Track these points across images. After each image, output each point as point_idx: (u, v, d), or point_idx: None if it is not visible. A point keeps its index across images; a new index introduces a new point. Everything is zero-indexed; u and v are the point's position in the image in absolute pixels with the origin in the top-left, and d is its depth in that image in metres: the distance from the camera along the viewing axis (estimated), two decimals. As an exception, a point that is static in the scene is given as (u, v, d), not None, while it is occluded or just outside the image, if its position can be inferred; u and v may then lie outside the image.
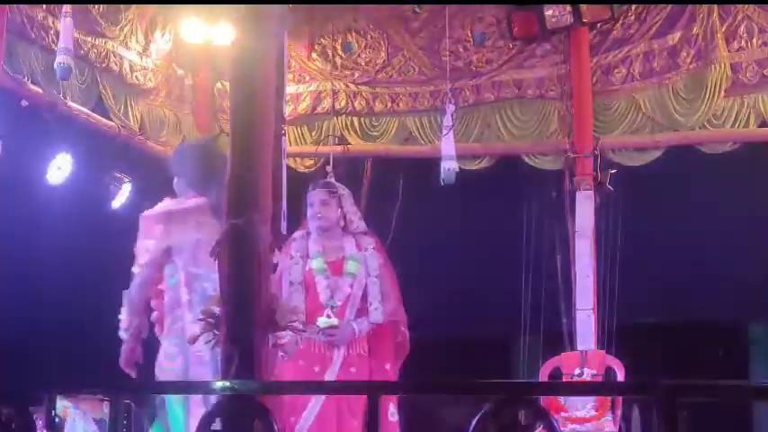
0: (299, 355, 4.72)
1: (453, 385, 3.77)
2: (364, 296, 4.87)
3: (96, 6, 6.09)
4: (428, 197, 6.79)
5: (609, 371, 5.99)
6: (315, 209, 4.98)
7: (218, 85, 7.43)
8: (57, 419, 4.47)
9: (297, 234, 5.04)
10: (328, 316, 4.77)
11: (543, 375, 6.04)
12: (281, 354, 3.47)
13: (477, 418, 2.10)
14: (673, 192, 6.78)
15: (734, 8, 6.24)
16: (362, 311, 4.86)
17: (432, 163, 6.76)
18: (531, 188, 7.08)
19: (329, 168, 6.84)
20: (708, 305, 7.15)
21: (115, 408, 2.33)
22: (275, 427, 2.20)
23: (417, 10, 7.22)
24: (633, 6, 6.65)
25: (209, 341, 3.04)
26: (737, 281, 6.82)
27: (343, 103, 7.28)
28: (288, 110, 6.95)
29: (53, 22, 5.67)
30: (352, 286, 4.90)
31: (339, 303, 4.83)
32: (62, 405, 6.18)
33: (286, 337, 3.52)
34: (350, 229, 5.02)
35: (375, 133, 7.26)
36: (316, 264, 4.90)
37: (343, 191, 5.03)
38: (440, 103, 7.02)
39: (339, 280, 4.87)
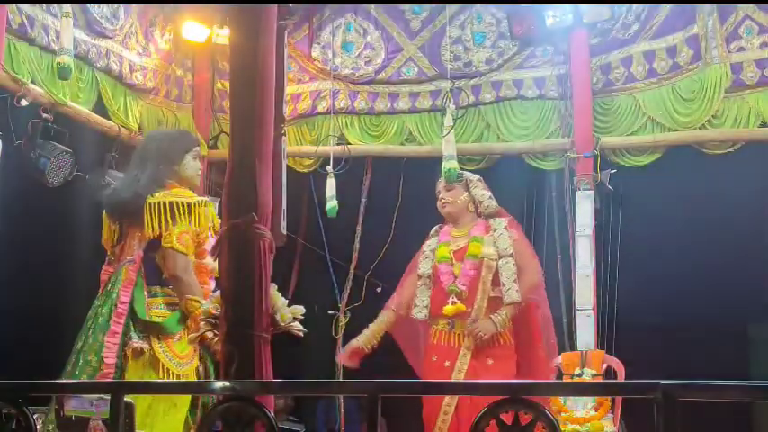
0: (432, 351, 4.65)
1: (454, 385, 3.78)
2: (497, 281, 4.71)
3: (96, 6, 6.09)
4: (428, 197, 6.78)
5: (609, 371, 5.99)
6: (439, 197, 4.95)
7: (218, 85, 7.44)
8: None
9: (432, 230, 5.00)
10: (453, 302, 4.66)
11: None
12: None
13: (478, 417, 2.10)
14: (673, 192, 6.78)
15: (734, 8, 6.24)
16: (499, 299, 4.70)
17: (432, 163, 6.75)
18: (531, 188, 7.08)
19: (329, 168, 6.84)
20: (707, 305, 7.14)
21: (115, 407, 2.32)
22: (275, 427, 2.20)
23: (417, 10, 7.23)
24: (633, 6, 6.65)
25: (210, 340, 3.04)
26: (737, 281, 6.82)
27: (343, 103, 7.28)
28: (288, 110, 6.96)
29: (53, 22, 5.67)
30: (477, 269, 4.73)
31: (463, 288, 4.68)
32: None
33: None
34: (481, 212, 4.90)
35: (375, 133, 7.26)
36: (440, 252, 4.81)
37: (473, 177, 5.02)
38: (440, 103, 7.02)
39: (462, 264, 4.75)
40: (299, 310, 3.15)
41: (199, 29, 7.08)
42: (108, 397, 2.30)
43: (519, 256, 4.82)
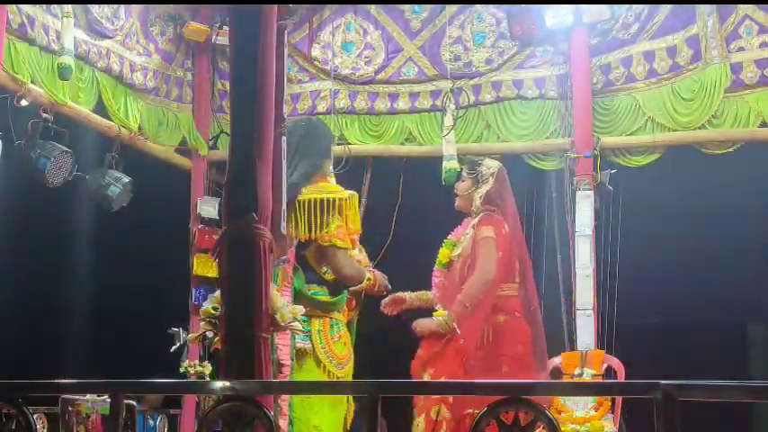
0: None
1: (454, 385, 3.77)
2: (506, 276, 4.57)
3: (96, 6, 6.09)
4: (428, 197, 6.79)
5: (609, 371, 5.99)
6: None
7: (219, 85, 7.43)
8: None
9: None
10: (435, 309, 4.67)
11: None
12: None
13: (478, 417, 2.10)
14: (673, 192, 6.78)
15: (734, 8, 6.23)
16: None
17: (432, 163, 6.75)
18: (531, 188, 7.08)
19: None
20: (707, 305, 7.15)
21: (115, 407, 2.32)
22: (275, 427, 2.20)
23: (417, 10, 7.23)
24: (633, 6, 6.65)
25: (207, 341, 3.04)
26: (737, 281, 6.82)
27: (343, 103, 7.28)
28: (288, 110, 6.95)
29: (53, 22, 5.67)
30: (444, 275, 4.68)
31: (437, 295, 4.65)
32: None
33: None
34: (476, 211, 4.73)
35: (375, 133, 7.26)
36: (439, 254, 4.76)
37: (488, 171, 4.73)
38: (440, 103, 7.02)
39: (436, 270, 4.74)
40: (299, 309, 3.15)
41: (199, 29, 7.08)
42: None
43: (474, 256, 4.57)
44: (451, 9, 7.07)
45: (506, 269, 4.62)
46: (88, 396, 4.99)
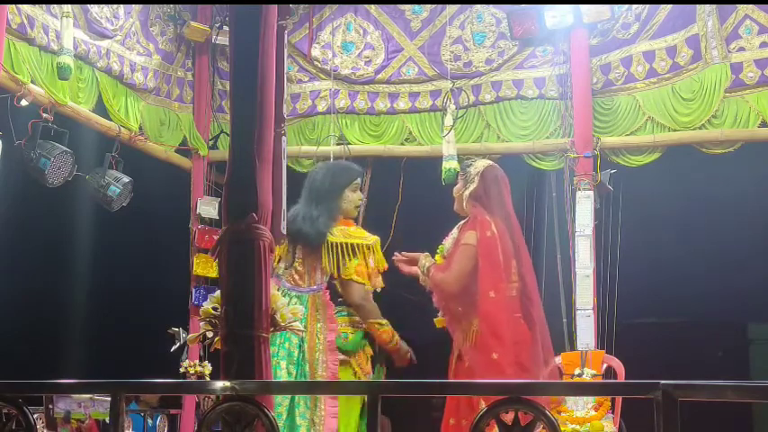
0: None
1: (454, 385, 3.77)
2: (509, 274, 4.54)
3: (96, 6, 6.09)
4: (428, 197, 6.79)
5: (609, 371, 5.99)
6: None
7: (219, 85, 7.44)
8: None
9: None
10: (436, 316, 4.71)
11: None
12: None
13: (478, 417, 2.10)
14: (673, 192, 6.78)
15: (734, 8, 6.24)
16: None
17: (432, 163, 6.75)
18: (531, 188, 7.08)
19: (329, 168, 6.83)
20: (707, 305, 7.15)
21: (115, 407, 2.32)
22: (275, 427, 2.20)
23: (417, 10, 7.23)
24: (633, 6, 6.65)
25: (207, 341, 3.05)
26: (737, 281, 6.82)
27: (343, 103, 7.28)
28: (288, 110, 6.95)
29: (53, 22, 5.67)
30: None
31: (434, 299, 4.68)
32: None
33: None
34: (465, 213, 4.71)
35: (375, 133, 7.26)
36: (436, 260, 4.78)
37: (475, 170, 4.69)
38: (440, 103, 7.02)
39: None
40: (300, 309, 3.16)
41: (199, 29, 7.08)
42: (100, 397, 2.30)
43: (450, 260, 4.57)
44: (451, 9, 7.07)
45: (492, 272, 4.52)
46: (75, 398, 5.00)
